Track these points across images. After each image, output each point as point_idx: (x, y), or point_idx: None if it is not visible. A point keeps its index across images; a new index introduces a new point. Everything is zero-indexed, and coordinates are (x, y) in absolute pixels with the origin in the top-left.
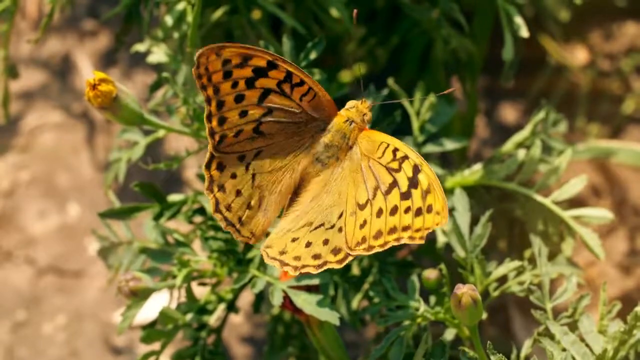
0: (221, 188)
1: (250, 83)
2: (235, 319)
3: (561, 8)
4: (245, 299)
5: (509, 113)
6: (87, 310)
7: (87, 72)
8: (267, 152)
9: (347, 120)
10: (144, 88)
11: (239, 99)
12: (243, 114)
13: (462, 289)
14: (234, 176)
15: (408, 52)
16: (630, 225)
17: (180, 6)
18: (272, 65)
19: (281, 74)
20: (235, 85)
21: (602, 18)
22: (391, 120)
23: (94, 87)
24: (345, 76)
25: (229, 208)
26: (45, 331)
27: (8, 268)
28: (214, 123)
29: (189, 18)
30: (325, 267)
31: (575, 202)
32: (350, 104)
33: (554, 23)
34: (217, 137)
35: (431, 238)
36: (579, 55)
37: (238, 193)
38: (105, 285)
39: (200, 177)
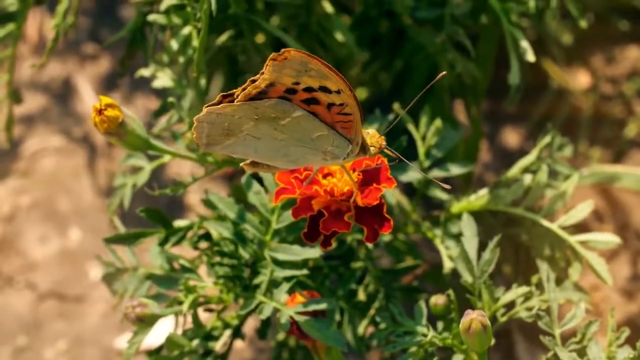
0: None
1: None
2: (238, 343)
3: (564, 32)
4: (249, 324)
5: (511, 137)
6: (89, 336)
7: (87, 96)
8: None
9: None
10: (145, 112)
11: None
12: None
13: (471, 315)
14: None
15: (412, 76)
16: (633, 250)
17: (186, 31)
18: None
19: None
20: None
21: (604, 42)
22: (398, 145)
23: (100, 112)
24: None
25: None
26: (46, 357)
27: (9, 293)
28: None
29: (195, 42)
30: None
31: (578, 227)
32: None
33: (556, 47)
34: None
35: (437, 263)
36: (581, 79)
37: None
38: (110, 311)
39: (204, 202)
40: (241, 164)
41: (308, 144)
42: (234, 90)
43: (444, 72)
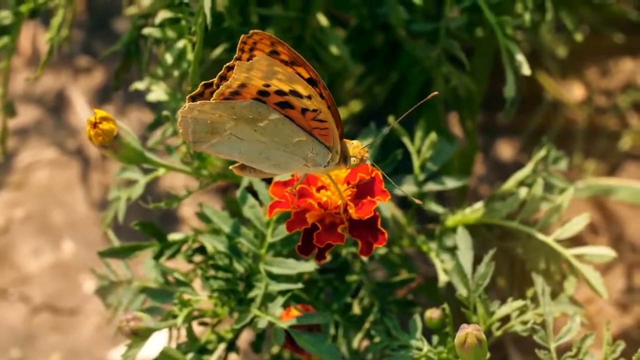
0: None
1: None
2: (232, 357)
3: (558, 44)
4: (243, 337)
5: (505, 150)
6: (82, 349)
7: (81, 108)
8: None
9: None
10: (139, 125)
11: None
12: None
13: (466, 329)
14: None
15: (407, 89)
16: (628, 263)
17: (180, 44)
18: (311, 82)
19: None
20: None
21: (598, 55)
22: (393, 159)
23: (95, 125)
24: (342, 113)
25: None
26: None
27: (2, 306)
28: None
29: (189, 56)
30: None
31: (573, 240)
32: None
33: (551, 60)
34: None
35: (432, 277)
36: (575, 92)
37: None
38: (103, 324)
39: (199, 215)
40: (231, 167)
41: (289, 149)
42: (214, 80)
43: (435, 92)
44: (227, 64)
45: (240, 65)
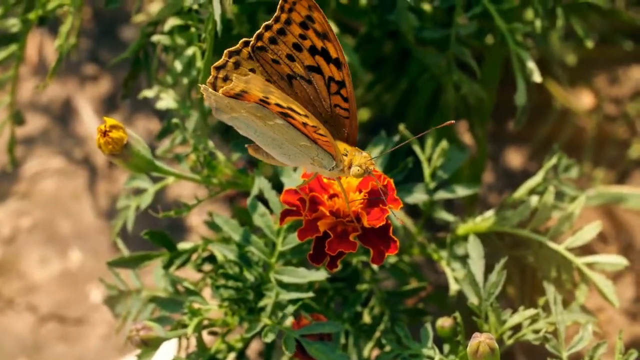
0: (226, 79)
1: (313, 50)
2: None
3: (567, 52)
4: (253, 347)
5: (514, 158)
6: (89, 358)
7: (88, 117)
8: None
9: None
10: (146, 134)
11: (297, 47)
12: (289, 57)
13: (479, 338)
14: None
15: (417, 97)
16: (638, 271)
17: (190, 52)
18: (336, 62)
19: (338, 74)
20: (303, 37)
21: (607, 63)
22: (403, 167)
23: (104, 133)
24: None
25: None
26: None
27: (9, 315)
28: (265, 35)
29: (199, 63)
30: None
31: (582, 249)
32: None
33: (560, 67)
34: (256, 43)
35: (442, 285)
36: (584, 100)
37: None
38: (111, 333)
39: (209, 224)
40: (246, 145)
41: (298, 147)
42: (237, 47)
43: (452, 122)
44: (266, 22)
45: (238, 78)
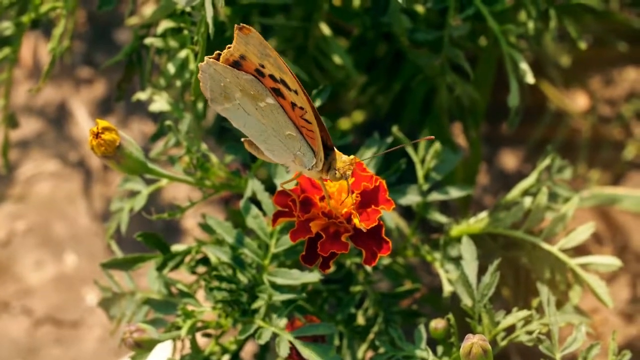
0: None
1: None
2: None
3: (562, 54)
4: (247, 349)
5: (508, 160)
6: None
7: (83, 120)
8: None
9: None
10: (141, 136)
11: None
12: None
13: (472, 339)
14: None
15: (410, 99)
16: (633, 272)
17: (183, 54)
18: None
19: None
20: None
21: (602, 64)
22: (396, 168)
23: (97, 135)
24: (345, 123)
25: None
26: None
27: (5, 318)
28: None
29: (192, 66)
30: None
31: (577, 250)
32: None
33: (554, 69)
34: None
35: (436, 287)
36: (579, 101)
37: None
38: (106, 336)
39: (202, 226)
40: (242, 139)
41: (282, 140)
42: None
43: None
44: None
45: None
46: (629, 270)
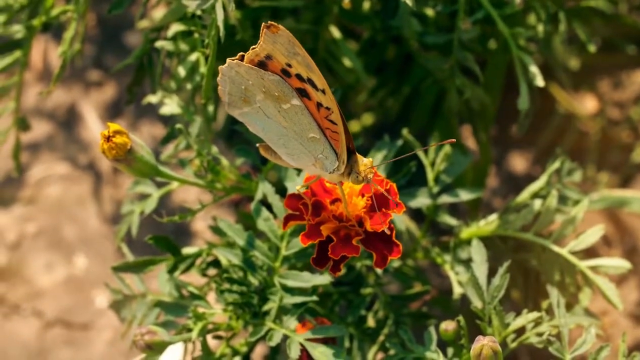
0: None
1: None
2: None
3: (571, 57)
4: (258, 351)
5: (518, 162)
6: None
7: (93, 123)
8: None
9: None
10: (151, 139)
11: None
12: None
13: (482, 341)
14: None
15: (420, 102)
16: None
17: (193, 57)
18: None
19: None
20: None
21: (611, 67)
22: (407, 171)
23: (108, 139)
24: (354, 126)
25: None
26: None
27: (15, 321)
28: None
29: (202, 69)
30: None
31: (586, 252)
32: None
33: (563, 72)
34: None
35: (446, 289)
36: (588, 104)
37: None
38: (116, 338)
39: (213, 228)
40: (258, 144)
41: (304, 143)
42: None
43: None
44: None
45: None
46: (639, 273)
